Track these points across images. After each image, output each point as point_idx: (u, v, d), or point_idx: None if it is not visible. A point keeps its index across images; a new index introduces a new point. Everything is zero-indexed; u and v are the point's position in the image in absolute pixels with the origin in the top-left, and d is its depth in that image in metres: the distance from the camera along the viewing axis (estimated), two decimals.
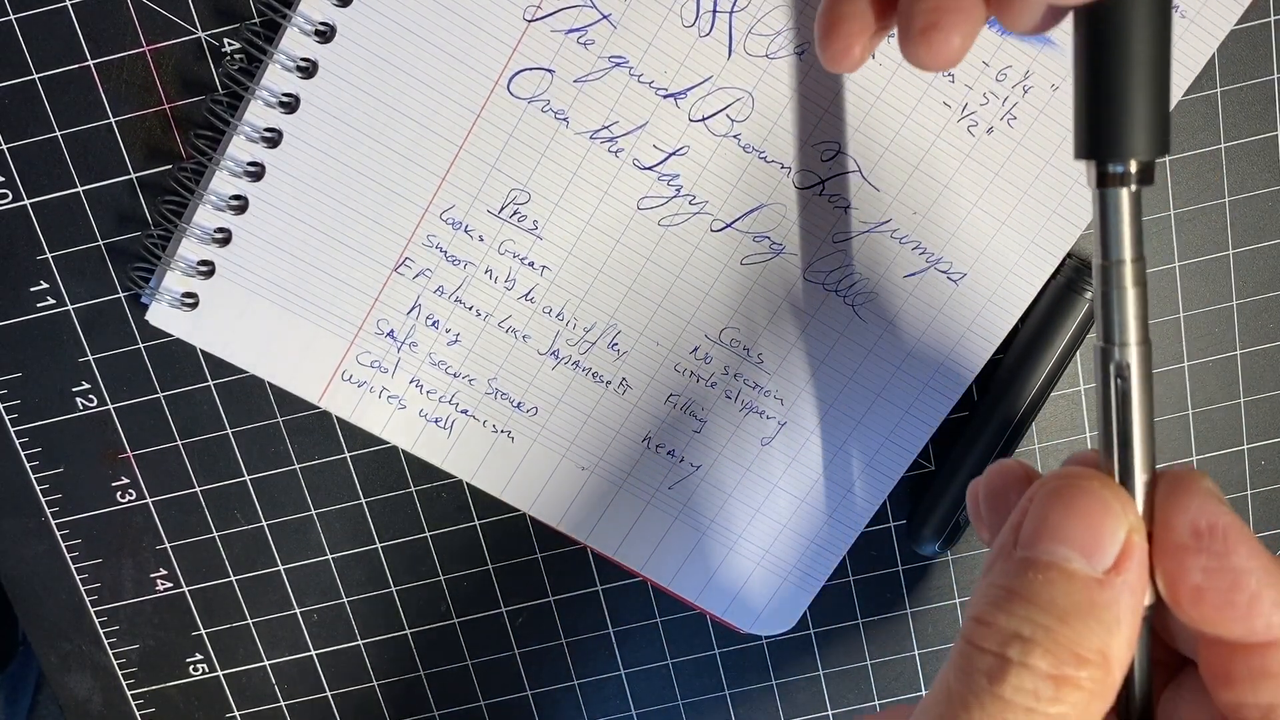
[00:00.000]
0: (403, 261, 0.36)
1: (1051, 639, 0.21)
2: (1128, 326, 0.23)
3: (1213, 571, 0.22)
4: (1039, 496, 0.23)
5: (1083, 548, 0.22)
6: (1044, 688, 0.21)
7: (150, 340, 0.37)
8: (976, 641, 0.22)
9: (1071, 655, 0.21)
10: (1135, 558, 0.22)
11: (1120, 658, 0.22)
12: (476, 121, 0.34)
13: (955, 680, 0.22)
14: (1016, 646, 0.21)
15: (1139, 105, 0.22)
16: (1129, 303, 0.23)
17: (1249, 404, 0.38)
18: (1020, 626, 0.22)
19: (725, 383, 0.37)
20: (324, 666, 0.41)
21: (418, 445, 0.37)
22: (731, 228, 0.35)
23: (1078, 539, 0.22)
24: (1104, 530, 0.22)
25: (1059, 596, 0.22)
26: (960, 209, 0.35)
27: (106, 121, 0.35)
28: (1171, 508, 0.22)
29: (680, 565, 0.39)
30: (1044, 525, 0.22)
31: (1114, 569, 0.22)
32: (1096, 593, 0.22)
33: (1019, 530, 0.23)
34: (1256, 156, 0.36)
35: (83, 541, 0.39)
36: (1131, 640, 0.22)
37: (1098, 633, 0.21)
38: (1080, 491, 0.23)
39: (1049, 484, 0.23)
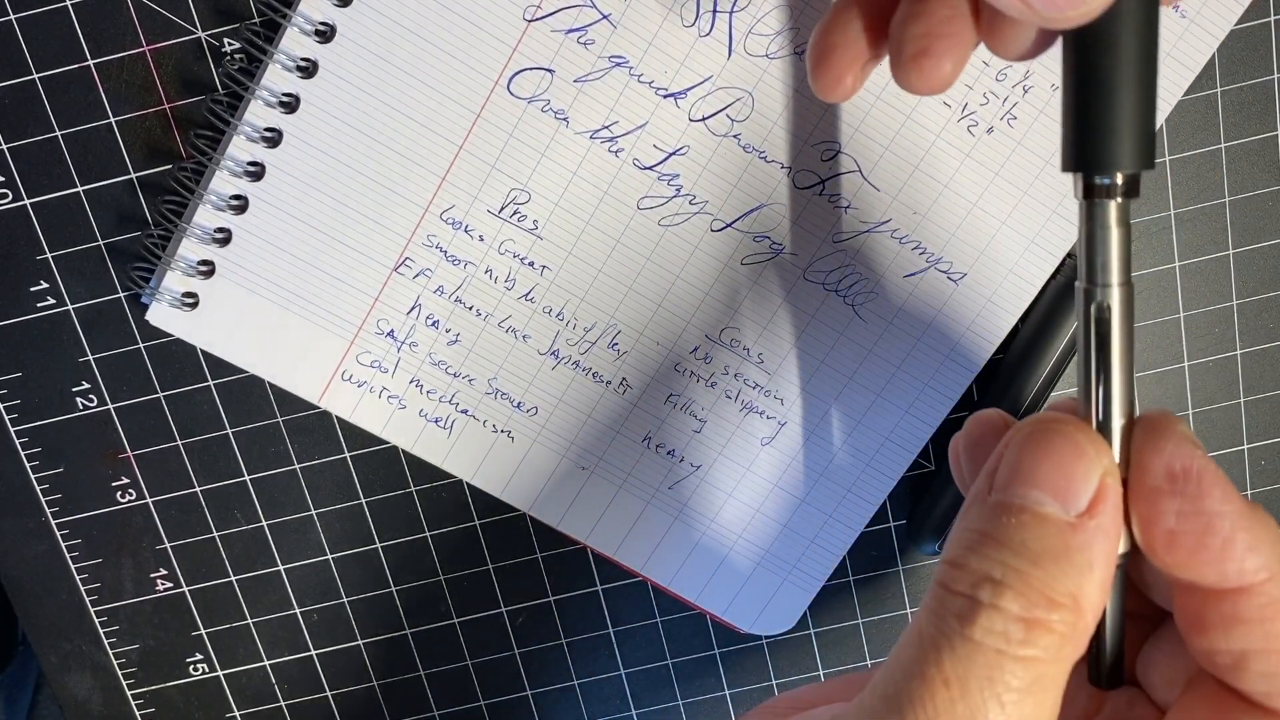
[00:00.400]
0: (403, 261, 0.36)
1: (1023, 581, 0.21)
2: (1110, 266, 0.23)
3: (1186, 515, 0.22)
4: (1013, 442, 0.23)
5: (1055, 491, 0.22)
6: (1014, 630, 0.21)
7: (150, 340, 0.37)
8: (948, 584, 0.22)
9: (1043, 598, 0.21)
10: (1109, 501, 0.22)
11: (1093, 602, 0.22)
12: (476, 121, 0.34)
13: (926, 623, 0.22)
14: (987, 588, 0.21)
15: (1125, 119, 0.22)
16: (1112, 241, 0.23)
17: (1249, 404, 0.38)
18: (992, 569, 0.21)
19: (725, 383, 0.37)
20: (324, 666, 0.41)
21: (418, 445, 0.37)
22: (731, 228, 0.35)
23: (1050, 482, 0.22)
24: (1077, 473, 0.22)
25: (1031, 540, 0.22)
26: (960, 209, 0.35)
27: (106, 121, 0.35)
28: (1146, 451, 0.22)
29: (680, 565, 0.39)
30: (1017, 469, 0.22)
31: (1087, 512, 0.22)
32: (1069, 536, 0.22)
33: (994, 476, 0.23)
34: (1256, 156, 0.36)
35: (83, 541, 0.39)
36: (1105, 585, 0.22)
37: (1070, 576, 0.21)
38: (1054, 435, 0.22)
39: (1023, 429, 0.23)
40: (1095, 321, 0.23)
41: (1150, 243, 0.37)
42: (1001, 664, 0.21)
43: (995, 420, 0.25)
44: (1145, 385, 0.38)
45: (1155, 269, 0.37)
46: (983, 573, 0.22)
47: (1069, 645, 0.21)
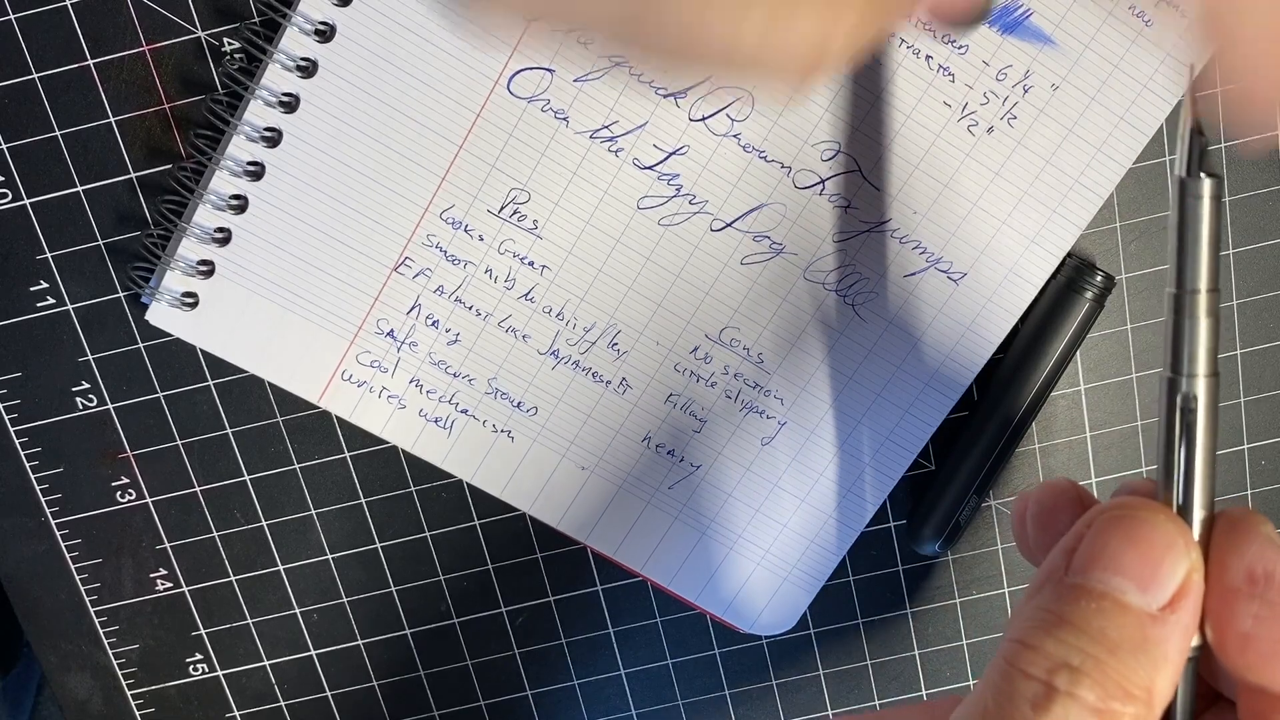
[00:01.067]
0: (402, 261, 0.36)
1: (1101, 671, 0.21)
2: (1198, 358, 0.22)
3: (1264, 620, 0.21)
4: (1099, 522, 0.22)
5: (1140, 581, 0.21)
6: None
7: (150, 340, 0.37)
8: (1021, 666, 0.21)
9: (1119, 689, 0.21)
10: (1192, 597, 0.22)
11: (1164, 696, 0.21)
12: (476, 121, 0.34)
13: (994, 704, 0.21)
14: (1064, 675, 0.21)
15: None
16: (1201, 333, 0.22)
17: (1249, 404, 0.38)
18: (1069, 655, 0.21)
19: (725, 382, 0.37)
20: (324, 666, 0.41)
21: (418, 445, 0.37)
22: (731, 227, 0.35)
23: (1135, 571, 0.22)
24: (1164, 565, 0.22)
25: (1111, 628, 0.21)
26: (960, 209, 0.35)
27: (106, 121, 0.35)
28: (1228, 549, 0.22)
29: (680, 565, 0.39)
30: (1102, 553, 0.22)
31: (1169, 606, 0.21)
32: (1150, 628, 0.21)
33: (1072, 555, 0.22)
34: None
35: (82, 541, 0.39)
36: (1176, 679, 0.22)
37: (1146, 668, 0.21)
38: (1142, 523, 0.22)
39: (1111, 511, 0.22)
40: (1181, 412, 0.22)
41: (1150, 243, 0.37)
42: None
43: (1070, 491, 0.24)
44: (1145, 386, 0.38)
45: (1155, 269, 0.37)
46: (1059, 658, 0.21)
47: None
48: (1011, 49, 0.34)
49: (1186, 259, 0.22)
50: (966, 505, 0.37)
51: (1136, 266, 0.37)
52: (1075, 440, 0.38)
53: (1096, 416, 0.38)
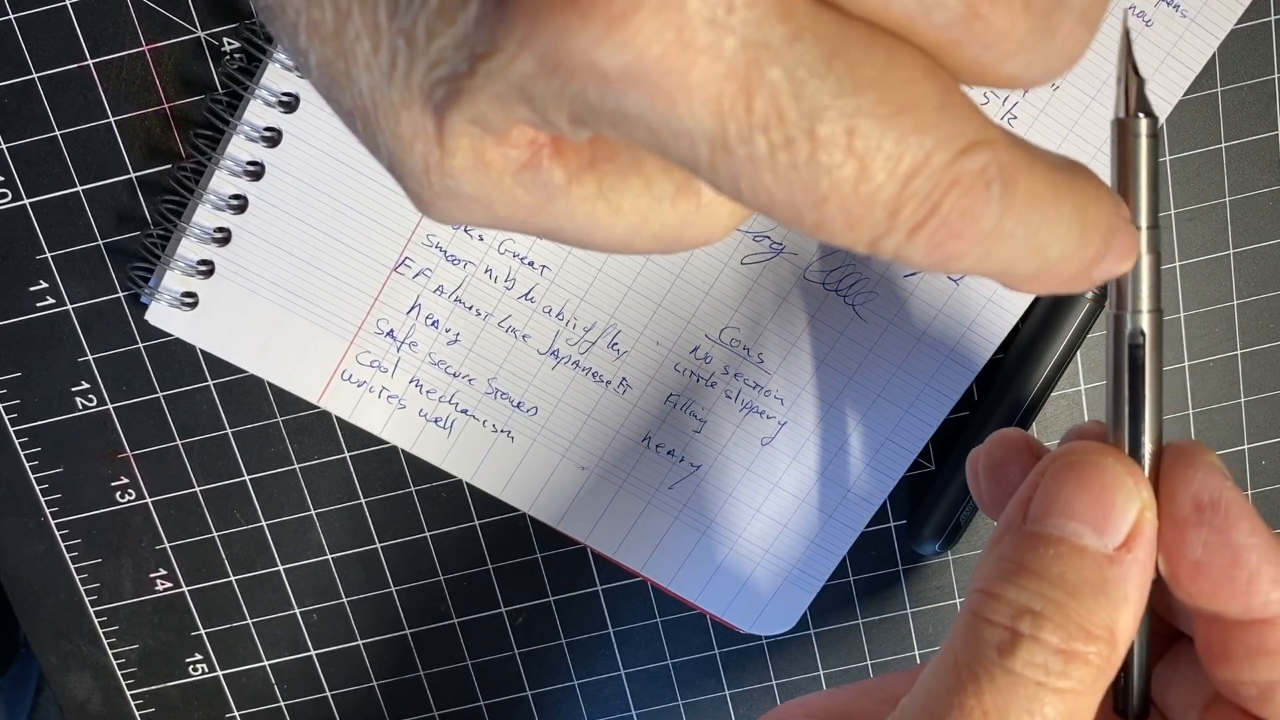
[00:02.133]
0: (402, 261, 0.36)
1: (1062, 614, 0.21)
2: (1142, 294, 0.23)
3: (1213, 546, 0.22)
4: (1051, 470, 0.23)
5: (1095, 524, 0.22)
6: (1054, 662, 0.21)
7: (150, 340, 0.37)
8: (985, 614, 0.22)
9: (1081, 630, 0.21)
10: (1146, 535, 0.22)
11: (1126, 634, 0.22)
12: None
13: (962, 652, 0.22)
14: (1027, 620, 0.21)
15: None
16: (1144, 269, 0.23)
17: (1249, 404, 0.38)
18: (1031, 600, 0.22)
19: (725, 382, 0.37)
20: (324, 666, 0.41)
21: (417, 445, 0.37)
22: None
23: (1090, 515, 0.22)
24: (1116, 507, 0.22)
25: (1069, 572, 0.22)
26: None
27: (106, 121, 0.35)
28: (1175, 481, 0.22)
29: (680, 565, 0.39)
30: (1055, 500, 0.22)
31: (1124, 546, 0.22)
32: (1107, 569, 0.22)
33: (1028, 505, 0.23)
34: (1257, 156, 0.36)
35: (82, 541, 0.39)
36: (1138, 617, 0.22)
37: (1106, 609, 0.22)
38: (1093, 466, 0.23)
39: (1062, 458, 0.23)
40: (1129, 348, 0.23)
41: None
42: (1040, 696, 0.21)
43: (1018, 441, 0.25)
44: None
45: None
46: (1021, 604, 0.22)
47: (1102, 677, 0.22)
48: None
49: (1129, 197, 0.23)
50: (966, 505, 0.37)
51: None
52: None
53: (1096, 416, 0.38)
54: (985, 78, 0.16)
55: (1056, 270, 0.18)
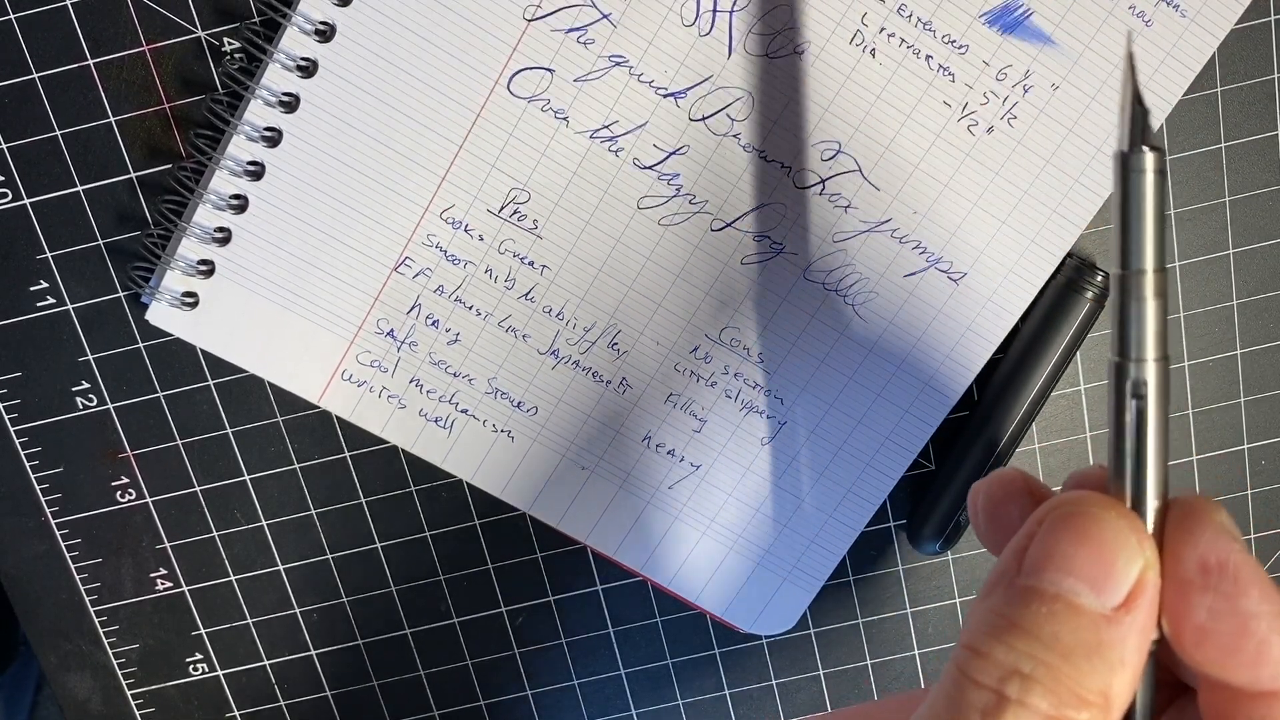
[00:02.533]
0: (403, 261, 0.36)
1: (1053, 677, 0.20)
2: (1146, 341, 0.21)
3: (1220, 613, 0.20)
4: (1049, 520, 0.21)
5: (1093, 582, 0.21)
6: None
7: (150, 340, 0.37)
8: (972, 674, 0.21)
9: (1073, 695, 0.20)
10: (1147, 595, 0.21)
11: (1122, 699, 0.21)
12: (476, 121, 0.34)
13: (946, 712, 0.21)
14: (1015, 683, 0.20)
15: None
16: (1149, 315, 0.21)
17: (1249, 404, 0.38)
18: (1020, 662, 0.20)
19: (725, 382, 0.37)
20: (324, 666, 0.41)
21: (418, 445, 0.37)
22: (731, 227, 0.35)
23: (1088, 572, 0.21)
24: (1117, 564, 0.21)
25: (1064, 632, 0.20)
26: (960, 209, 0.35)
27: (106, 121, 0.35)
28: (1181, 540, 0.21)
29: (680, 565, 0.39)
30: (1052, 554, 0.21)
31: (1124, 606, 0.21)
32: (1104, 630, 0.20)
33: (1023, 555, 0.21)
34: (1257, 156, 0.36)
35: (82, 541, 0.39)
36: (1135, 680, 0.21)
37: (1101, 672, 0.20)
38: (1094, 520, 0.21)
39: (1060, 508, 0.21)
40: (1132, 397, 0.21)
41: None
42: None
43: (1018, 482, 0.24)
44: None
45: None
46: (1010, 665, 0.20)
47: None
48: (1011, 49, 0.34)
49: (1131, 237, 0.21)
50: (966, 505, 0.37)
51: None
52: (1075, 440, 0.38)
53: (1096, 416, 0.38)
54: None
55: None
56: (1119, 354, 0.21)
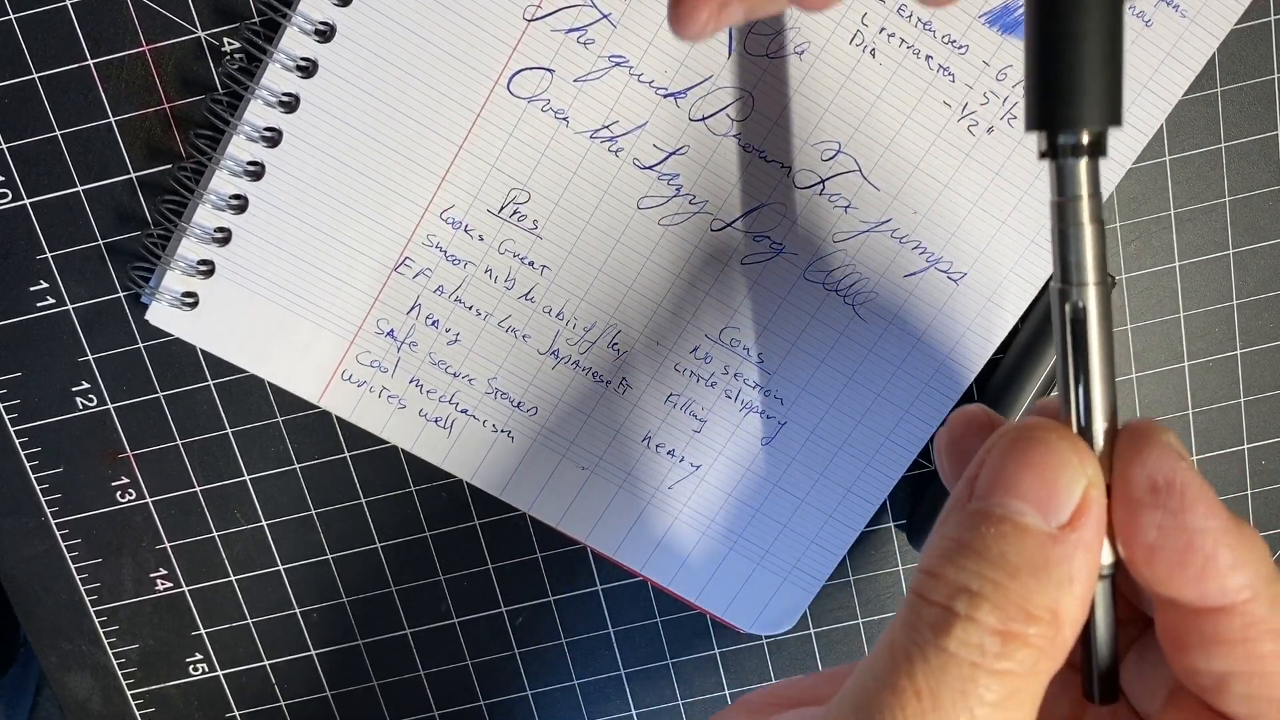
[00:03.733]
0: (402, 261, 0.36)
1: (1000, 594, 0.21)
2: (1085, 265, 0.22)
3: (1168, 529, 0.21)
4: (996, 448, 0.22)
5: (1038, 502, 0.21)
6: (990, 642, 0.21)
7: (150, 340, 0.37)
8: (924, 594, 0.21)
9: (1020, 611, 0.21)
10: (1092, 514, 0.21)
11: (1072, 616, 0.21)
12: (476, 121, 0.34)
13: (900, 633, 0.21)
14: (964, 600, 0.21)
15: (1091, 75, 0.21)
16: (1086, 239, 0.22)
17: (1249, 404, 0.38)
18: (969, 580, 0.21)
19: (725, 382, 0.37)
20: (324, 666, 0.41)
21: (417, 445, 0.37)
22: (731, 227, 0.35)
23: (1033, 493, 0.21)
24: (1060, 485, 0.21)
25: (1010, 551, 0.21)
26: (960, 209, 0.35)
27: (106, 121, 0.35)
28: (1130, 461, 0.22)
29: (680, 565, 0.39)
30: (998, 478, 0.22)
31: (1069, 525, 0.21)
32: (1050, 549, 0.21)
33: (975, 483, 0.22)
34: (1257, 156, 0.36)
35: (82, 541, 0.39)
36: (1085, 599, 0.21)
37: (1049, 589, 0.21)
38: (1037, 443, 0.22)
39: (1007, 435, 0.22)
40: (1071, 323, 0.22)
41: (1150, 242, 0.37)
42: (975, 677, 0.20)
43: (979, 418, 0.24)
44: (1145, 385, 0.38)
45: (1155, 269, 0.37)
46: (959, 583, 0.21)
47: (1045, 659, 0.21)
48: (1011, 49, 0.34)
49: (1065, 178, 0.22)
50: None
51: (1136, 266, 0.37)
52: None
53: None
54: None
55: None
56: (1061, 280, 0.22)
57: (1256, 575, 0.21)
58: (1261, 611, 0.21)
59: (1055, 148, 0.22)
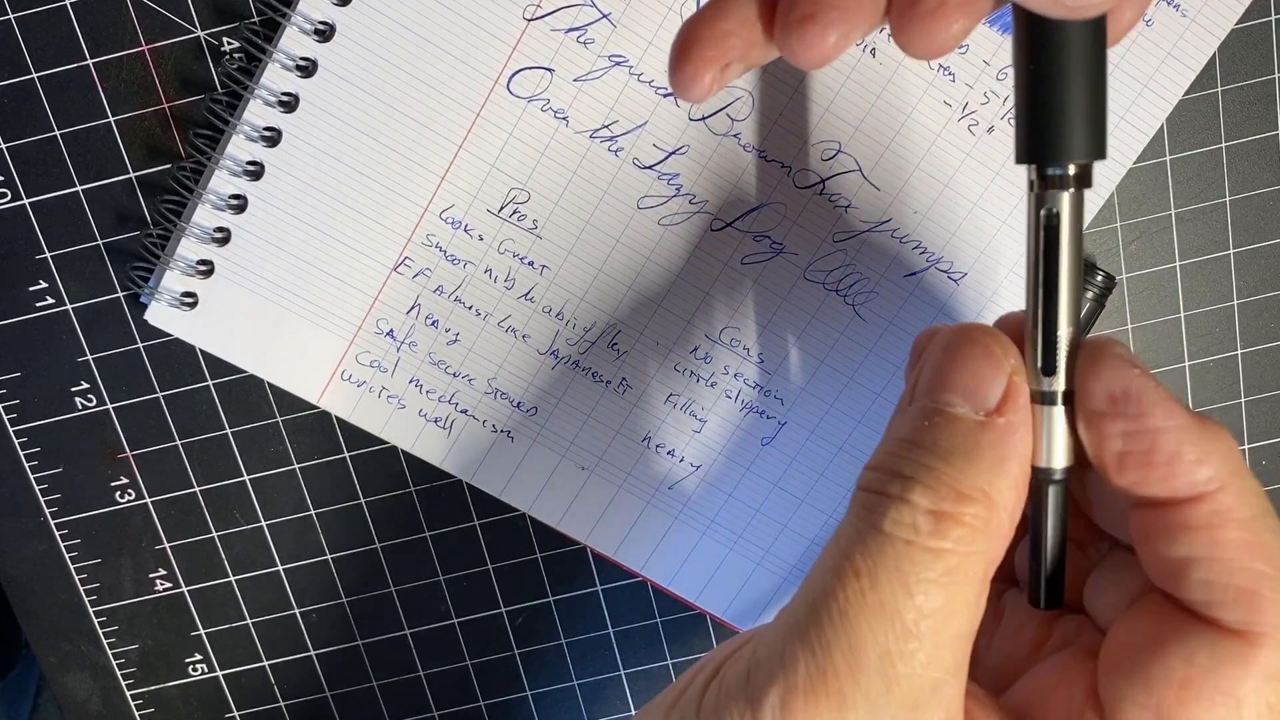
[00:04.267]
0: (402, 261, 0.36)
1: (933, 477, 0.22)
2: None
3: (1132, 435, 0.22)
4: (931, 351, 0.24)
5: (965, 392, 0.23)
6: (924, 522, 0.22)
7: (149, 340, 0.37)
8: (864, 485, 0.23)
9: (953, 492, 0.22)
10: (1017, 401, 0.23)
11: (1006, 499, 0.22)
12: (476, 120, 0.34)
13: (844, 525, 0.23)
14: (898, 484, 0.22)
15: (1077, 110, 0.22)
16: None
17: (1250, 404, 0.38)
18: (903, 467, 0.22)
19: (725, 382, 0.37)
20: (324, 666, 0.41)
21: (417, 445, 0.37)
22: (731, 227, 0.35)
23: (960, 384, 0.23)
24: (984, 375, 0.23)
25: (942, 438, 0.22)
26: (960, 209, 0.35)
27: (106, 121, 0.35)
28: (1088, 377, 0.23)
29: (680, 565, 0.39)
30: (932, 376, 0.23)
31: (996, 411, 0.23)
32: (979, 434, 0.22)
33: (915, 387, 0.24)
34: (1257, 156, 0.36)
35: (82, 541, 0.39)
36: (1019, 483, 0.23)
37: (980, 471, 0.22)
38: (965, 341, 0.23)
39: (940, 338, 0.24)
40: (1045, 229, 0.23)
41: (1151, 242, 0.37)
42: (910, 554, 0.22)
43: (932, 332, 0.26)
44: None
45: (1156, 268, 0.37)
46: (895, 470, 0.22)
47: (982, 539, 0.22)
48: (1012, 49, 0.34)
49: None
50: None
51: (1137, 266, 0.37)
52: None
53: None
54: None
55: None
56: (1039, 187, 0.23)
57: (1223, 467, 0.22)
58: (1228, 501, 0.22)
59: (1044, 179, 0.23)
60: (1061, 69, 0.22)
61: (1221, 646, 0.22)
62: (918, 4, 0.24)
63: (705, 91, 0.25)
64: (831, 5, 0.24)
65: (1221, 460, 0.22)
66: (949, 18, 0.23)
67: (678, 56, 0.25)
